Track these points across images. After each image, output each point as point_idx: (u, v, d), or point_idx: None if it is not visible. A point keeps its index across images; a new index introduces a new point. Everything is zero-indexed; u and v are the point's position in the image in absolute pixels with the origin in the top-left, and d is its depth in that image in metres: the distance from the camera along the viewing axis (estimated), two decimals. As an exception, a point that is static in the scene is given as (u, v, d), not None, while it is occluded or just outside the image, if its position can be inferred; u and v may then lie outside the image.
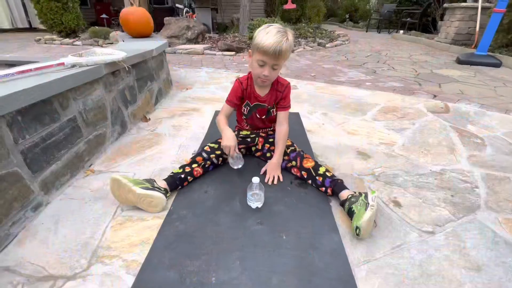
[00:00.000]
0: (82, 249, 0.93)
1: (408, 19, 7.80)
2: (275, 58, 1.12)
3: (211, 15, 7.37)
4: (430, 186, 1.29)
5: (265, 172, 1.33)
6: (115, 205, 1.13)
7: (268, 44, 1.08)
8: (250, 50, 1.22)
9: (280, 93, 1.32)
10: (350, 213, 1.03)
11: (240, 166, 1.28)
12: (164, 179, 1.20)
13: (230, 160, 1.27)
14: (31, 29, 8.28)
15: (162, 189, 1.13)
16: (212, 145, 1.36)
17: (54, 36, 6.33)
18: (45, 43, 6.05)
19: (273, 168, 1.32)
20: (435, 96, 2.63)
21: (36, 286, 0.80)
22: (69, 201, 1.16)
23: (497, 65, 3.93)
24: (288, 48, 1.12)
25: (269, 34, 1.10)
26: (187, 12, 7.21)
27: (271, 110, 1.37)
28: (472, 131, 1.87)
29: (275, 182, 1.29)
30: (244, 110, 1.40)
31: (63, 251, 0.92)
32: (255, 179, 1.07)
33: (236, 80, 1.35)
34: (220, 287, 0.80)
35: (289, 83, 1.34)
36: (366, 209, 0.97)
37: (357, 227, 0.95)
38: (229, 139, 1.23)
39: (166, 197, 1.14)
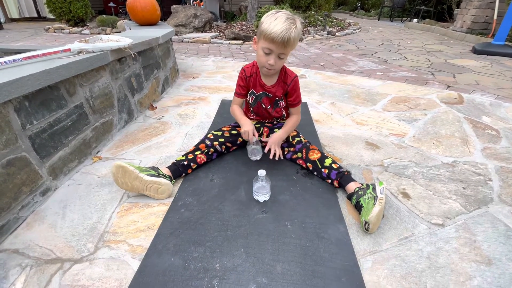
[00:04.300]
0: (89, 234, 0.95)
1: (423, 6, 7.51)
2: (282, 47, 1.06)
3: (218, 3, 7.25)
4: (441, 178, 1.26)
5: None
6: (122, 191, 1.14)
7: (276, 31, 1.02)
8: (255, 37, 1.16)
9: (286, 86, 1.26)
10: (358, 207, 1.00)
11: (258, 157, 1.30)
12: (167, 167, 1.20)
13: (249, 149, 1.28)
14: (39, 18, 8.34)
15: (167, 176, 1.14)
16: (216, 132, 1.35)
17: (63, 25, 6.35)
18: (54, 32, 6.09)
19: (273, 140, 1.26)
20: (448, 86, 2.54)
21: (44, 269, 0.82)
22: (77, 187, 1.18)
23: (515, 55, 3.77)
24: (297, 37, 1.06)
25: (278, 21, 1.03)
26: (194, 0, 7.11)
27: (278, 102, 1.32)
28: (487, 123, 1.80)
29: (276, 157, 1.23)
30: (249, 99, 1.37)
31: (71, 235, 0.94)
32: (261, 172, 1.03)
33: (241, 69, 1.32)
34: (224, 273, 0.80)
35: (296, 75, 1.27)
36: (374, 203, 0.94)
37: (366, 222, 0.93)
38: (246, 125, 1.26)
39: (171, 184, 1.14)
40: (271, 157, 1.24)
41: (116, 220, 1.01)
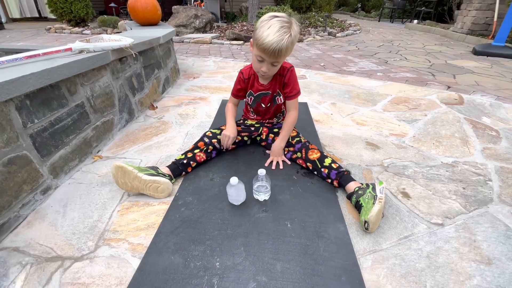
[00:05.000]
0: (89, 232, 0.95)
1: (423, 8, 7.52)
2: (273, 57, 1.06)
3: (219, 4, 7.27)
4: (441, 178, 1.26)
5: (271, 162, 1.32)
6: (122, 190, 1.14)
7: (268, 42, 1.00)
8: (251, 41, 1.15)
9: (282, 77, 1.26)
10: (358, 206, 1.00)
11: (239, 201, 1.07)
12: (167, 166, 1.20)
13: (229, 192, 1.05)
14: (40, 18, 8.35)
15: (167, 175, 1.14)
16: (214, 130, 1.35)
17: (64, 25, 6.37)
18: (56, 32, 6.10)
19: (275, 152, 1.31)
20: (449, 87, 2.54)
21: (44, 266, 0.82)
22: (77, 185, 1.18)
23: (516, 56, 3.77)
24: (290, 46, 1.05)
25: (271, 30, 1.00)
26: (195, 0, 7.13)
27: (276, 98, 1.33)
28: (487, 123, 1.81)
29: (280, 167, 1.28)
30: (248, 99, 1.38)
31: (71, 233, 0.94)
32: (261, 171, 1.03)
33: (239, 71, 1.33)
34: (224, 272, 0.80)
35: (292, 66, 1.26)
36: (374, 203, 0.94)
37: (365, 222, 0.93)
38: (230, 129, 1.30)
39: (171, 183, 1.14)
40: (273, 167, 1.29)
41: (117, 219, 1.01)
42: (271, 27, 1.01)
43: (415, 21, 7.35)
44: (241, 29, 5.72)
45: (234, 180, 1.00)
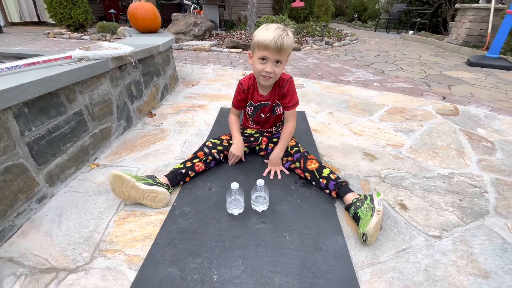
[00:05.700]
0: (85, 243, 0.94)
1: (418, 19, 7.68)
2: (277, 52, 1.10)
3: (218, 12, 7.36)
4: (438, 189, 1.27)
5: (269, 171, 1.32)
6: (119, 199, 1.13)
7: (269, 38, 1.08)
8: (249, 52, 1.20)
9: (282, 88, 1.28)
10: (356, 218, 1.01)
11: (238, 211, 1.06)
12: (165, 175, 1.19)
13: (228, 200, 1.06)
14: (40, 23, 8.37)
15: (164, 184, 1.13)
16: (214, 140, 1.35)
17: (63, 30, 6.38)
18: (54, 37, 6.11)
19: (273, 162, 1.32)
20: (444, 98, 2.58)
21: (38, 278, 0.81)
22: (73, 194, 1.17)
23: (509, 68, 3.84)
24: (290, 43, 1.12)
25: (269, 30, 1.10)
26: (194, 8, 7.21)
27: (275, 108, 1.34)
28: (482, 135, 1.83)
29: (278, 176, 1.29)
30: (248, 110, 1.39)
31: (67, 244, 0.93)
32: (260, 181, 1.03)
33: (238, 82, 1.35)
34: (221, 285, 0.79)
35: (291, 77, 1.29)
36: (372, 215, 0.95)
37: (364, 234, 0.93)
38: (238, 148, 1.32)
39: (169, 192, 1.14)
40: (271, 177, 1.29)
41: (113, 229, 1.00)
42: (269, 29, 1.11)
43: (411, 31, 7.49)
44: (240, 37, 5.78)
45: (234, 185, 1.01)
